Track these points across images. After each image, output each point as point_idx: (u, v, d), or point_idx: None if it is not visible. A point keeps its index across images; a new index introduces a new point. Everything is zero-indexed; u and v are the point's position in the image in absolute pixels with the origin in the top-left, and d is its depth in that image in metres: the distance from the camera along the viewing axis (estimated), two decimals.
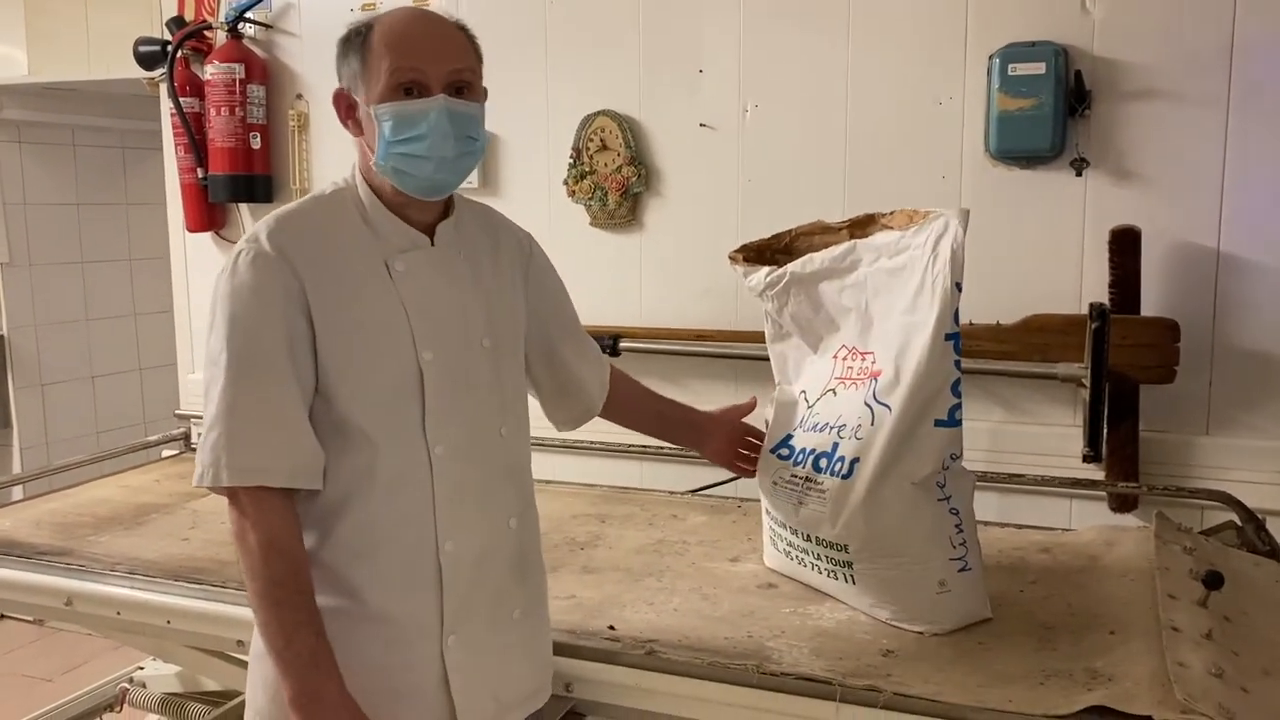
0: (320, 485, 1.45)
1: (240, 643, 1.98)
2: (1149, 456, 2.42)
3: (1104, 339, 2.24)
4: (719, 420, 2.06)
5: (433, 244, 1.55)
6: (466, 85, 1.50)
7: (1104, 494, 2.45)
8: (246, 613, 1.59)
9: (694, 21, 2.74)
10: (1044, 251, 2.47)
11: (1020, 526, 2.32)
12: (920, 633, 1.78)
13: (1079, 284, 2.45)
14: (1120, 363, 2.30)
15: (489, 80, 1.58)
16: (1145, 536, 2.10)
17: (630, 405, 1.98)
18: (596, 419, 1.92)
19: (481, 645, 1.55)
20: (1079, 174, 2.41)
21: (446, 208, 1.59)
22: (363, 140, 1.52)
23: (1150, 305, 2.37)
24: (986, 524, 2.24)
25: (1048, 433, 2.50)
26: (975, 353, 2.39)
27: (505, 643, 1.59)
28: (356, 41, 1.49)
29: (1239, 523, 2.24)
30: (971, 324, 2.40)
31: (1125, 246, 2.34)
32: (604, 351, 2.73)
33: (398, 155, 1.47)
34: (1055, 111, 2.36)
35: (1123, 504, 2.43)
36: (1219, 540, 2.16)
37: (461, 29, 1.53)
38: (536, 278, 1.74)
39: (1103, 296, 2.35)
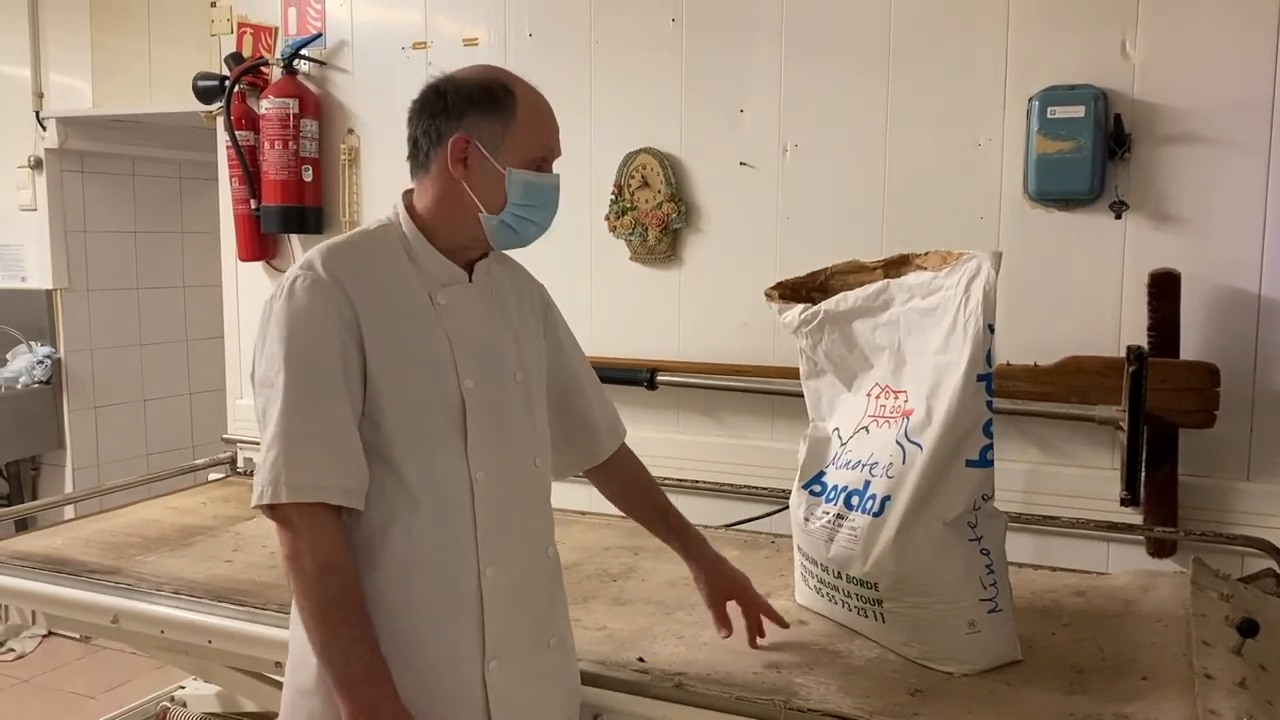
0: (363, 506, 1.49)
1: (278, 664, 2.02)
2: (1188, 501, 2.39)
3: (1142, 382, 2.23)
4: (725, 570, 1.94)
5: (470, 281, 1.61)
6: None
7: (1141, 538, 2.43)
8: (285, 634, 1.64)
9: (735, 62, 2.79)
10: (1082, 293, 2.47)
11: (1055, 569, 2.31)
12: (949, 673, 1.78)
13: (1118, 326, 2.44)
14: (1159, 406, 2.29)
15: None
16: (1182, 582, 2.09)
17: (636, 489, 1.95)
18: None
19: (521, 671, 1.59)
20: (1118, 217, 2.41)
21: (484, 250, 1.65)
22: (466, 185, 1.54)
23: (1190, 349, 2.35)
24: (1021, 565, 2.23)
25: (1085, 475, 2.49)
26: (1012, 393, 2.39)
27: (543, 670, 1.63)
28: (507, 103, 1.54)
29: (1278, 571, 2.21)
30: (1009, 364, 2.40)
31: (1164, 290, 2.33)
32: (641, 385, 2.81)
33: (516, 216, 1.56)
34: (1094, 154, 2.36)
35: (1160, 549, 2.41)
36: (1257, 588, 2.14)
37: None
38: (552, 328, 1.81)
39: (1141, 339, 2.33)
